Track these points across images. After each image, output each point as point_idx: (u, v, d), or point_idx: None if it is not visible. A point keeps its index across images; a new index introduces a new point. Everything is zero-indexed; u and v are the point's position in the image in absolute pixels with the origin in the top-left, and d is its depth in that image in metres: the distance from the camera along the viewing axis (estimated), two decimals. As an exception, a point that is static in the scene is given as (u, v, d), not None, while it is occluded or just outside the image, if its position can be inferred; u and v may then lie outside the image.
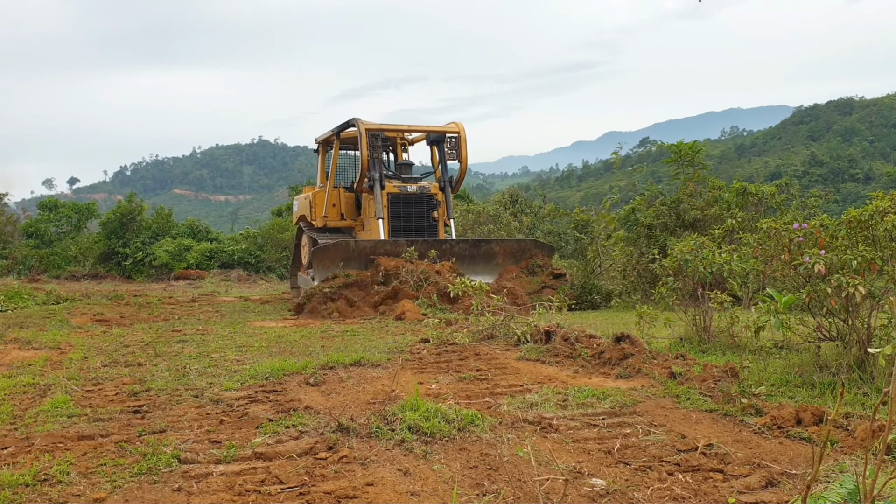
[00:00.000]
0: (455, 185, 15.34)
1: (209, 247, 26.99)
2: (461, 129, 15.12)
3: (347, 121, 14.99)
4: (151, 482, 3.85)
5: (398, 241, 13.38)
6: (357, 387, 6.19)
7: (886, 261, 5.96)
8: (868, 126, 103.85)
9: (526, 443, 4.48)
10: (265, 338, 9.39)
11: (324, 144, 16.81)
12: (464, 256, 13.88)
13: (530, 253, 14.48)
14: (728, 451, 4.33)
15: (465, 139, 15.01)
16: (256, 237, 27.92)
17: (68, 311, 13.47)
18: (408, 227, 14.63)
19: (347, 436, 4.58)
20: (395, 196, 14.49)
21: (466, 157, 15.09)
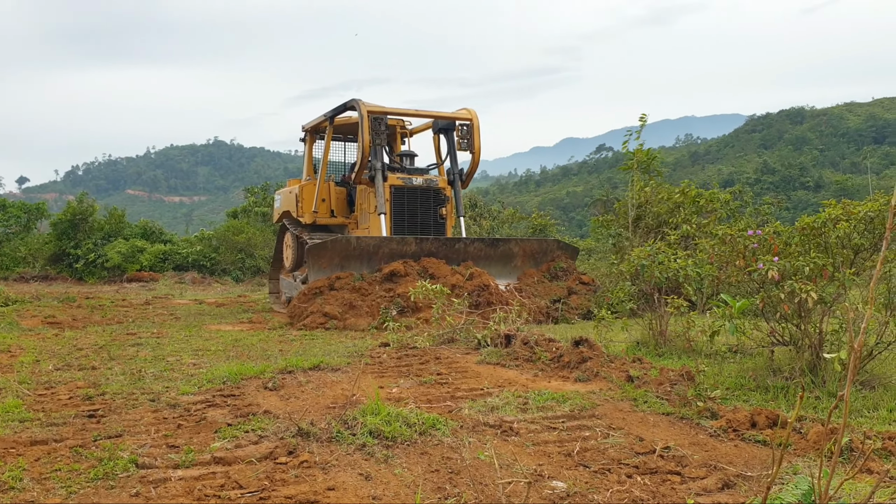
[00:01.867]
0: (466, 179, 13.85)
1: (163, 248, 26.58)
2: (474, 116, 13.69)
3: (344, 103, 13.29)
4: (108, 487, 3.78)
5: (405, 239, 11.84)
6: (316, 391, 6.15)
7: (838, 267, 6.12)
8: (818, 135, 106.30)
9: (487, 446, 4.50)
10: (222, 341, 9.28)
11: (312, 132, 15.25)
12: (479, 257, 12.41)
13: (552, 255, 13.15)
14: (685, 454, 4.40)
15: (479, 127, 13.61)
16: (211, 239, 27.56)
17: (18, 314, 13.15)
18: (412, 224, 13.09)
19: (308, 440, 4.55)
20: (398, 189, 12.93)
21: (480, 147, 13.62)
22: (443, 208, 13.25)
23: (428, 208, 13.20)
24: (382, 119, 12.64)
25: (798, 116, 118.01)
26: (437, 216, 13.27)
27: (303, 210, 14.39)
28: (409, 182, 13.06)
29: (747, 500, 3.64)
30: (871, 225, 6.10)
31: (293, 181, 15.78)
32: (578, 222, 62.97)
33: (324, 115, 14.02)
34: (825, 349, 6.10)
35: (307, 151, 15.33)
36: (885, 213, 5.93)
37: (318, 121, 14.40)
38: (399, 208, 12.88)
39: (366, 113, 12.48)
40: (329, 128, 14.02)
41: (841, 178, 75.75)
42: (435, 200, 13.26)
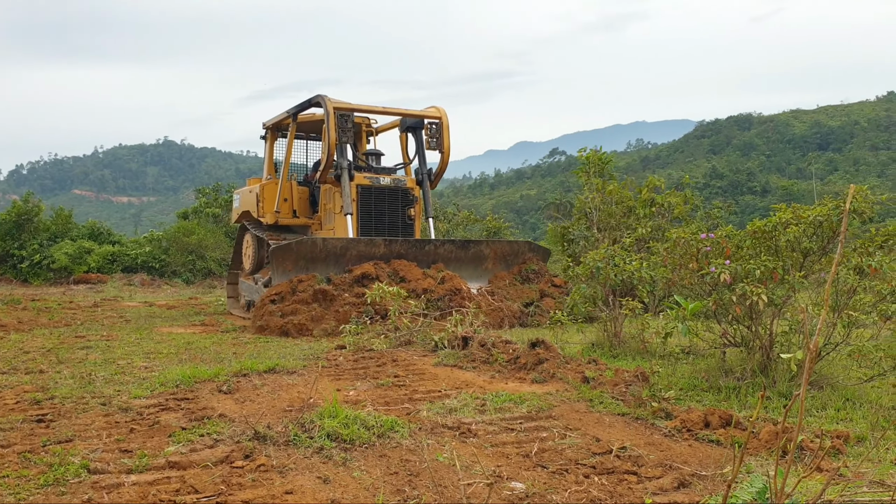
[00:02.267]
0: (435, 179, 13.46)
1: (111, 250, 26.04)
2: (443, 115, 13.27)
3: (309, 99, 12.79)
4: (59, 493, 3.69)
5: (374, 241, 11.41)
6: (272, 394, 6.09)
7: (787, 270, 6.26)
8: (765, 141, 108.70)
9: (446, 448, 4.51)
10: (174, 344, 9.13)
11: (273, 130, 14.68)
12: (449, 260, 12.05)
13: (523, 257, 12.78)
14: (641, 454, 4.46)
15: (448, 126, 13.19)
16: (161, 240, 27.09)
17: (-40, 316, 12.77)
18: (380, 225, 12.66)
19: (264, 444, 4.50)
20: (365, 189, 12.48)
21: (449, 146, 13.22)
22: (411, 209, 12.88)
23: (396, 209, 12.82)
24: (349, 116, 12.28)
25: (746, 123, 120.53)
26: (406, 217, 12.88)
27: (264, 210, 13.89)
28: (377, 182, 12.67)
29: (703, 499, 3.70)
30: (819, 229, 6.25)
31: (253, 180, 15.23)
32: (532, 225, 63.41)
33: (287, 112, 13.53)
34: (775, 350, 6.24)
35: (268, 149, 14.80)
36: (834, 218, 6.08)
37: (281, 117, 13.90)
38: (366, 209, 12.50)
39: (332, 109, 12.06)
40: (292, 125, 13.58)
41: (787, 184, 77.57)
42: (403, 201, 12.88)
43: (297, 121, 13.50)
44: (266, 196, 13.90)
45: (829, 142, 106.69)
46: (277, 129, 14.66)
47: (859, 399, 5.81)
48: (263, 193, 13.94)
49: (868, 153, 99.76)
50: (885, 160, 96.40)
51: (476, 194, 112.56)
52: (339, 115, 12.12)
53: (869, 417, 5.29)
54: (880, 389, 6.12)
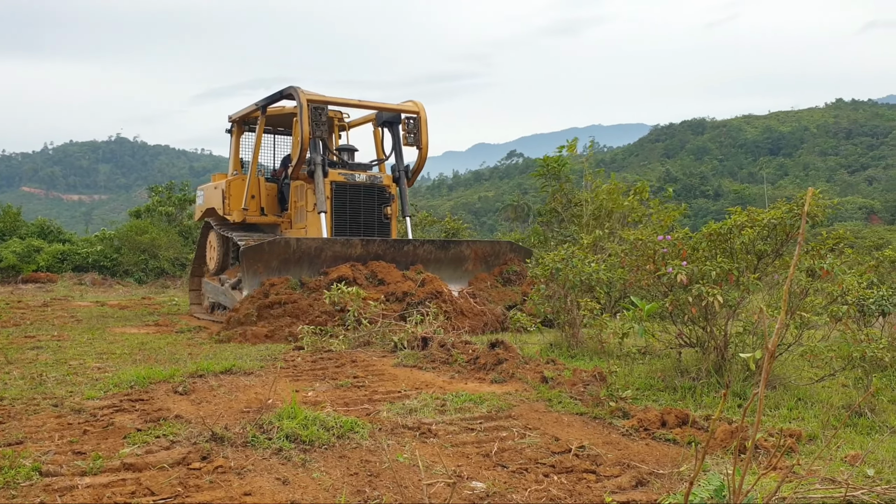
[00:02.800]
0: (412, 176, 12.96)
1: (61, 248, 25.50)
2: (421, 109, 12.81)
3: (281, 91, 12.18)
4: (9, 497, 3.60)
5: (351, 241, 10.88)
6: (229, 395, 6.01)
7: (742, 272, 6.37)
8: (718, 146, 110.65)
9: (406, 448, 4.50)
10: (127, 344, 8.97)
11: (240, 123, 14.03)
12: (428, 261, 11.58)
13: (504, 257, 12.29)
14: (599, 453, 4.50)
15: (426, 121, 12.75)
16: (113, 239, 26.60)
17: None
18: (355, 224, 12.13)
19: (222, 445, 4.44)
20: (340, 186, 11.96)
21: (427, 142, 12.72)
22: (387, 207, 12.39)
23: (372, 207, 12.33)
24: (323, 109, 11.72)
25: (699, 127, 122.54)
26: (382, 216, 12.39)
27: (230, 207, 13.27)
28: (352, 178, 12.14)
29: (660, 498, 3.75)
30: (773, 232, 6.38)
31: (219, 176, 14.54)
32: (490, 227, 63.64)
33: (255, 104, 12.95)
34: (730, 350, 6.35)
35: (234, 144, 14.13)
36: (788, 221, 6.21)
37: (249, 110, 13.32)
38: (340, 207, 11.99)
39: (305, 102, 11.51)
40: (261, 118, 12.98)
41: (739, 188, 79.07)
42: (379, 199, 12.38)
43: (266, 114, 12.96)
44: (233, 193, 13.32)
45: (780, 147, 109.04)
46: (244, 122, 14.09)
47: (811, 398, 5.94)
48: (230, 190, 13.36)
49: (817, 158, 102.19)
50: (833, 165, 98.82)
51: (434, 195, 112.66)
52: (313, 107, 11.58)
53: (820, 416, 5.41)
54: (831, 389, 6.27)
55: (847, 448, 4.61)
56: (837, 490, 3.55)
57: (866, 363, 5.74)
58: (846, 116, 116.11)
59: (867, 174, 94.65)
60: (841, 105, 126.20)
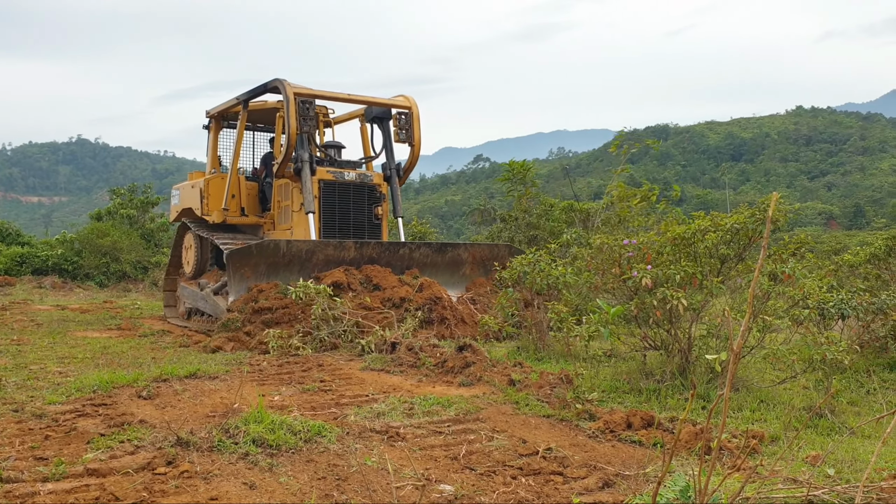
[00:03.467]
0: (404, 175, 12.32)
1: (20, 251, 25.01)
2: (413, 105, 12.14)
3: (265, 83, 11.51)
4: (-31, 505, 3.53)
5: (344, 244, 10.25)
6: (194, 399, 5.95)
7: (706, 275, 6.46)
8: (681, 151, 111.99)
9: (374, 452, 4.49)
10: (90, 348, 8.83)
11: (219, 119, 13.29)
12: (425, 265, 11.02)
13: (504, 261, 10.73)
14: (566, 455, 4.53)
15: (419, 117, 12.08)
16: (74, 242, 26.16)
17: None
18: (344, 225, 11.46)
19: (187, 450, 4.39)
20: (328, 184, 11.29)
21: (420, 139, 12.06)
22: (378, 207, 11.75)
23: (362, 207, 11.67)
24: (311, 103, 11.04)
25: (663, 133, 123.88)
26: (373, 216, 11.75)
27: (209, 207, 12.56)
28: (341, 177, 11.45)
29: (627, 499, 3.79)
30: (737, 236, 6.48)
31: (196, 174, 13.73)
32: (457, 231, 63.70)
33: (237, 98, 12.23)
34: (694, 353, 6.43)
35: (212, 141, 13.35)
36: (750, 225, 6.31)
37: (229, 105, 12.59)
38: (329, 206, 11.31)
39: (292, 95, 10.83)
40: (243, 112, 12.23)
41: (701, 193, 79.98)
42: (370, 198, 11.73)
43: (247, 109, 12.26)
44: (212, 192, 12.62)
45: (742, 153, 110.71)
46: (223, 118, 13.37)
47: (773, 400, 6.04)
48: (209, 189, 12.63)
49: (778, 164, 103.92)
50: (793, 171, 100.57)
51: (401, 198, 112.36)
52: (300, 101, 10.93)
53: (782, 418, 5.50)
54: (792, 391, 6.38)
55: (808, 449, 4.70)
56: (799, 490, 3.62)
57: (826, 366, 5.85)
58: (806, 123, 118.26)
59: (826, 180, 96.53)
60: (801, 112, 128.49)
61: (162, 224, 27.35)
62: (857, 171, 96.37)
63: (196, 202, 12.99)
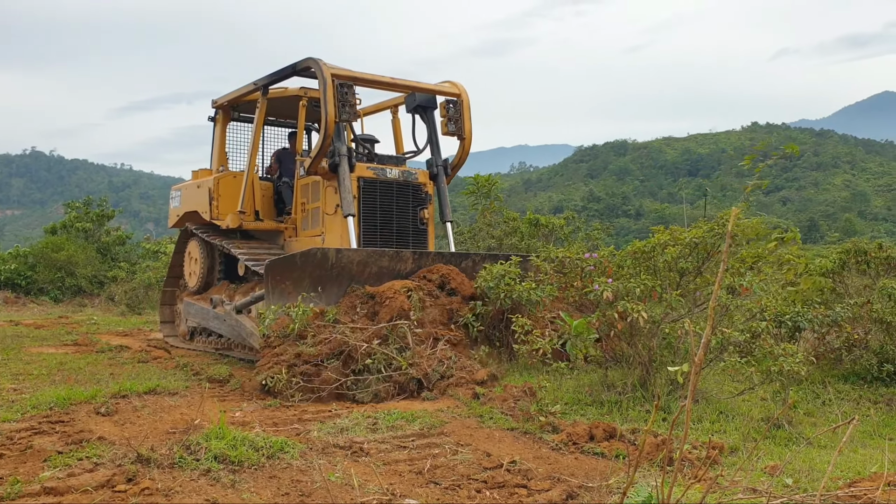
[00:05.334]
0: (451, 172, 10.70)
1: (-29, 266, 24.48)
2: (463, 92, 10.63)
3: (294, 64, 9.84)
4: (-79, 526, 3.44)
5: (401, 254, 8.62)
6: (154, 416, 5.87)
7: (665, 289, 6.55)
8: (639, 167, 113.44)
9: (338, 468, 4.47)
10: (45, 365, 8.65)
11: (227, 109, 11.77)
12: None
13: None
14: (530, 467, 4.56)
15: (469, 105, 10.61)
16: (27, 256, 25.65)
17: None
18: (386, 230, 9.80)
19: (148, 467, 4.33)
20: (369, 183, 9.66)
21: (471, 130, 10.56)
22: (424, 210, 10.12)
23: (406, 210, 10.02)
24: (350, 87, 9.45)
25: (622, 148, 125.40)
26: (418, 220, 10.10)
27: (221, 211, 10.95)
28: (383, 174, 9.86)
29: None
30: (695, 250, 6.59)
31: (202, 172, 11.94)
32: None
33: (254, 84, 10.62)
34: (654, 365, 6.51)
35: (218, 134, 11.86)
36: (709, 239, 6.43)
37: (242, 92, 11.01)
38: (369, 209, 9.65)
39: (330, 77, 9.20)
40: (262, 101, 10.56)
41: (659, 207, 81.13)
42: (414, 199, 10.12)
43: (267, 95, 10.58)
44: (223, 192, 11.03)
45: (699, 168, 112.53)
46: (234, 107, 11.81)
47: (732, 411, 6.14)
48: (219, 189, 11.03)
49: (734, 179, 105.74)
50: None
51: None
52: (339, 84, 9.34)
53: (741, 429, 5.60)
54: (750, 402, 6.49)
55: (767, 459, 4.78)
56: (759, 499, 3.68)
57: (784, 377, 5.97)
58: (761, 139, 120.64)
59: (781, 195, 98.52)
60: (756, 128, 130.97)
61: (118, 238, 26.96)
62: (811, 187, 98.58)
63: (203, 204, 11.29)
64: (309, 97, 10.91)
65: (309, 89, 10.99)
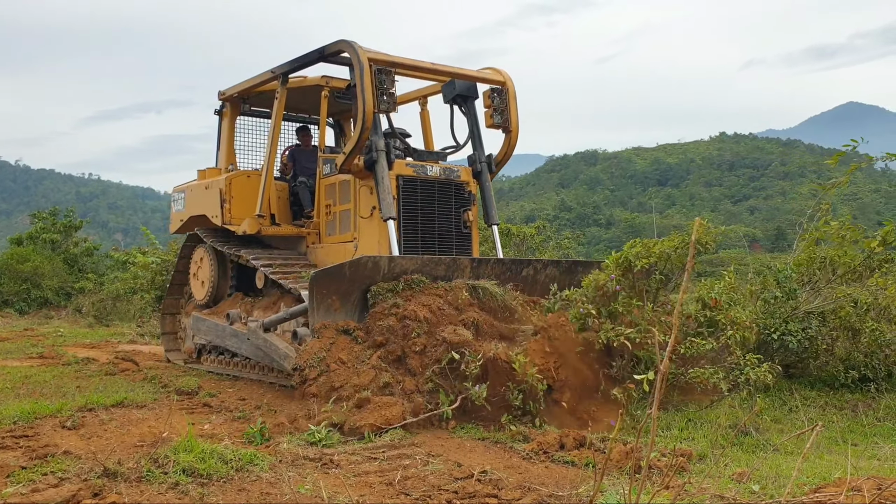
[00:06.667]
0: (496, 167, 9.56)
1: (-66, 277, 24.04)
2: (508, 79, 9.42)
3: (322, 48, 8.71)
4: None
5: (459, 262, 7.58)
6: (121, 429, 5.81)
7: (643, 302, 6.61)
8: (610, 176, 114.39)
9: (308, 480, 4.45)
10: (9, 378, 8.52)
11: (237, 102, 10.68)
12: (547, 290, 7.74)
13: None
14: (501, 477, 4.56)
15: (516, 95, 9.42)
16: (-9, 268, 25.27)
17: None
18: (427, 235, 8.72)
19: (115, 481, 4.28)
20: (409, 182, 8.58)
21: (518, 122, 9.39)
22: (468, 211, 9.01)
23: (448, 212, 8.90)
24: (389, 73, 8.34)
25: (592, 158, 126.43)
26: (461, 223, 8.99)
27: (233, 214, 9.87)
28: (423, 172, 8.76)
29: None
30: (668, 262, 6.64)
31: (210, 171, 10.77)
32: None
33: (272, 72, 9.44)
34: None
35: (226, 129, 10.74)
36: (681, 251, 6.49)
37: (257, 81, 9.83)
38: (410, 211, 8.57)
39: (367, 61, 8.13)
40: (281, 90, 9.39)
41: (629, 217, 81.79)
42: (457, 200, 9.00)
43: (286, 83, 9.41)
44: (236, 193, 9.95)
45: (668, 178, 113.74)
46: (244, 99, 10.68)
47: (700, 419, 6.20)
48: (231, 190, 9.95)
49: (702, 189, 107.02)
50: (717, 196, 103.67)
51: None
52: (377, 70, 8.23)
53: (709, 436, 5.65)
54: (718, 410, 6.55)
55: (734, 466, 4.83)
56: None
57: (751, 385, 6.05)
58: (729, 149, 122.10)
59: (749, 204, 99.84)
60: (724, 138, 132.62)
61: (86, 248, 26.63)
62: (779, 196, 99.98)
63: (213, 207, 10.14)
64: (331, 87, 9.73)
65: (331, 78, 9.85)
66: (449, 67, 9.21)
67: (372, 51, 8.34)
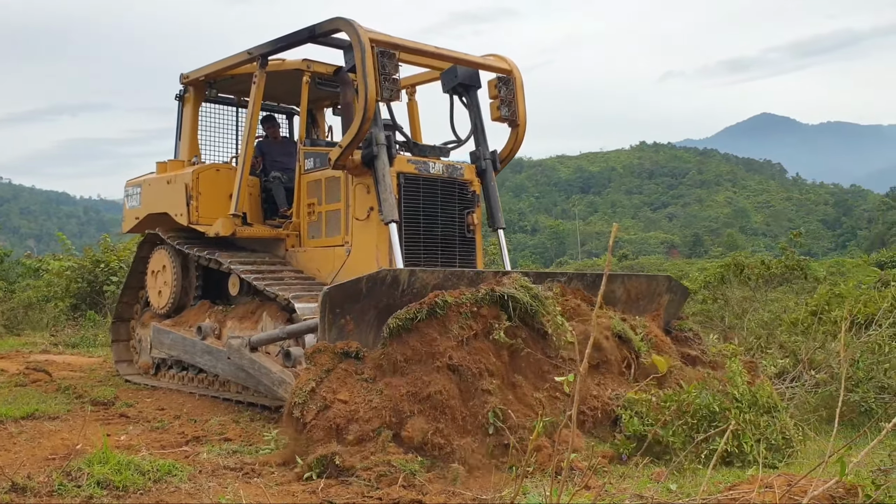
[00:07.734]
0: (501, 164, 8.60)
1: None
2: (514, 68, 8.46)
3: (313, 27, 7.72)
4: None
5: (482, 275, 6.26)
6: (32, 442, 5.61)
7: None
8: (535, 184, 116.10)
9: (229, 490, 4.37)
10: (-90, 392, 8.11)
11: (202, 87, 9.46)
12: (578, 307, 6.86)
13: (659, 300, 7.54)
14: (423, 481, 4.56)
15: (523, 85, 8.44)
16: None
17: None
18: (430, 239, 7.77)
19: (24, 496, 4.12)
20: (411, 180, 7.65)
21: (525, 115, 8.45)
22: (472, 213, 8.10)
23: (451, 213, 7.99)
24: (392, 56, 7.32)
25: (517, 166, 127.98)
26: (466, 226, 8.08)
27: (201, 213, 8.71)
28: (425, 169, 7.87)
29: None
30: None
31: (172, 164, 9.49)
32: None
33: (248, 53, 8.36)
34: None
35: (189, 116, 9.55)
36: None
37: (230, 63, 8.72)
38: (411, 213, 7.62)
39: (368, 42, 7.14)
40: (260, 75, 8.33)
41: (554, 223, 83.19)
42: (461, 200, 8.09)
43: (265, 66, 8.35)
44: (204, 189, 8.77)
45: (591, 185, 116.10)
46: (211, 84, 9.45)
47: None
48: (199, 185, 8.76)
49: (623, 196, 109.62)
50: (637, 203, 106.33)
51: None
52: (379, 52, 7.24)
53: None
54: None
55: (653, 466, 4.95)
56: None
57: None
58: (649, 158, 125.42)
59: (667, 211, 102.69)
60: (644, 147, 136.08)
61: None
62: (696, 203, 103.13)
63: (178, 205, 8.94)
64: (313, 72, 8.82)
65: (313, 62, 8.92)
66: (453, 52, 8.26)
67: (373, 31, 7.38)
